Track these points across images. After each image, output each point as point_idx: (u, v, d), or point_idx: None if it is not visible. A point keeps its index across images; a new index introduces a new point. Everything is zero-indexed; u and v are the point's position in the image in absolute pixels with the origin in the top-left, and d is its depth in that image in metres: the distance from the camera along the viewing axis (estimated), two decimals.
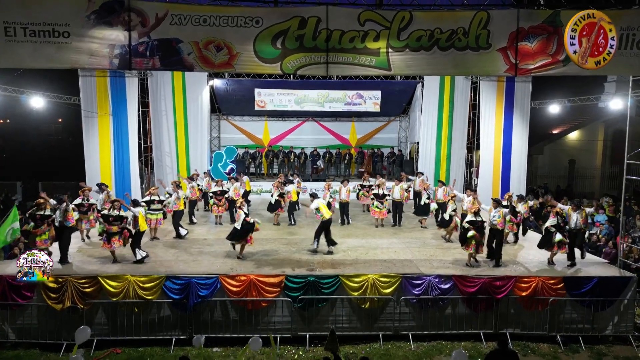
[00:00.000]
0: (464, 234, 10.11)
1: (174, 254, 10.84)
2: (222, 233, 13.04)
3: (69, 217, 10.02)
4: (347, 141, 22.85)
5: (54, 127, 34.61)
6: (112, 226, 9.90)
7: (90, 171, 17.22)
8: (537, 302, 9.63)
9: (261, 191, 19.67)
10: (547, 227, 10.36)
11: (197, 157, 19.82)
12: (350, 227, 14.01)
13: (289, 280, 9.38)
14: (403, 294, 9.54)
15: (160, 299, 9.26)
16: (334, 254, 10.89)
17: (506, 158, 18.75)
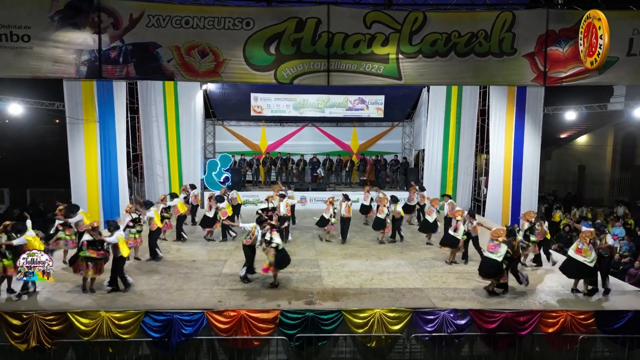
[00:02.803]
0: (499, 267, 8.98)
1: (156, 282, 9.72)
2: (213, 253, 12.01)
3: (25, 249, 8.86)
4: (349, 147, 21.75)
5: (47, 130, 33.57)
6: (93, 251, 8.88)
7: (75, 181, 16.07)
8: (564, 339, 8.52)
9: (257, 201, 18.52)
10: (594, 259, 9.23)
11: (189, 165, 18.71)
12: (353, 245, 12.89)
13: (284, 316, 8.27)
14: (414, 330, 8.43)
15: (138, 337, 8.15)
16: (335, 283, 9.77)
17: (517, 167, 17.61)
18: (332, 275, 10.17)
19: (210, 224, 13.07)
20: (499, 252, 9.00)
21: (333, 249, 12.46)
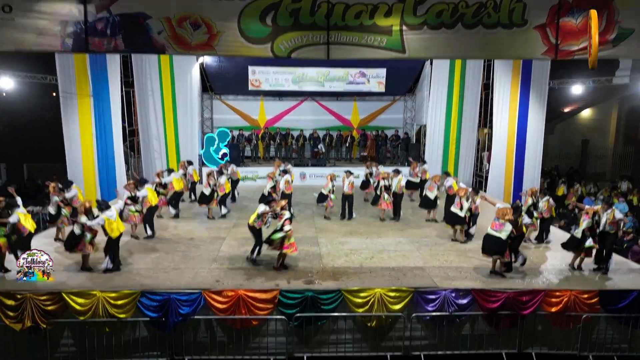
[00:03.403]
0: (503, 244, 8.80)
1: (153, 261, 9.56)
2: (211, 231, 11.82)
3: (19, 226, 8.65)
4: (349, 122, 21.38)
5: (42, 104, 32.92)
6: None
7: (71, 156, 15.85)
8: (567, 318, 8.40)
9: (256, 177, 18.32)
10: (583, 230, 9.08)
11: (187, 141, 18.43)
12: (352, 222, 12.71)
13: (283, 296, 8.11)
14: (415, 310, 8.29)
15: (135, 317, 8.02)
16: (334, 262, 9.60)
17: (520, 142, 17.35)
18: (332, 254, 10.01)
19: (208, 201, 12.85)
20: (503, 231, 8.80)
21: (333, 226, 12.28)
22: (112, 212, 8.77)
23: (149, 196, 10.81)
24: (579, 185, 19.78)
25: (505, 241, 8.74)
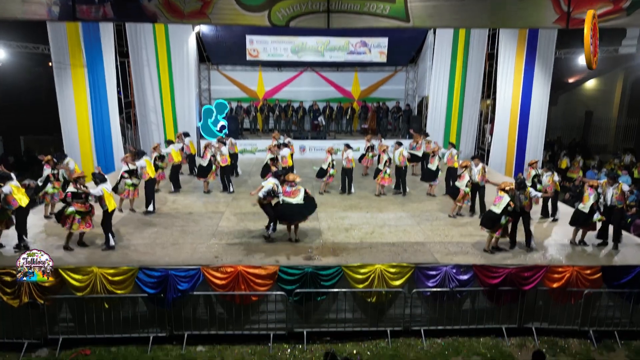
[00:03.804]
0: (497, 219, 8.64)
1: (150, 236, 9.45)
2: (210, 205, 11.68)
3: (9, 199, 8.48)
4: (349, 93, 20.98)
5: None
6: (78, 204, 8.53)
7: (66, 129, 15.58)
8: (569, 294, 8.34)
9: (255, 150, 18.10)
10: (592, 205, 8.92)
11: (184, 113, 18.05)
12: (353, 196, 12.55)
13: (283, 272, 8.02)
14: (415, 286, 8.22)
15: (133, 293, 7.95)
16: (334, 237, 9.48)
17: (524, 114, 17.03)
18: (332, 229, 9.89)
19: (206, 173, 12.64)
20: (500, 204, 8.64)
21: (333, 200, 12.13)
22: (107, 184, 8.60)
23: (147, 167, 10.61)
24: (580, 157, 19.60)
25: (499, 215, 8.56)
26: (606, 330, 8.46)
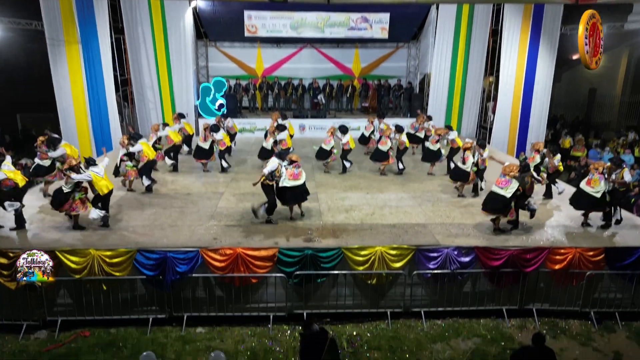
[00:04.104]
0: (508, 204, 8.50)
1: (149, 217, 9.34)
2: (209, 185, 11.55)
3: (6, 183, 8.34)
4: (350, 71, 20.64)
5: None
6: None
7: (62, 108, 15.31)
8: (571, 275, 8.28)
9: (254, 129, 17.87)
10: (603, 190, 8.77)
11: (182, 91, 17.78)
12: (353, 176, 12.40)
13: (282, 254, 7.94)
14: (416, 268, 8.15)
15: (131, 275, 7.88)
16: (334, 218, 9.37)
17: (527, 92, 16.75)
18: (332, 210, 9.77)
19: (205, 156, 12.48)
20: (508, 188, 8.50)
21: (333, 180, 11.99)
22: (99, 168, 8.44)
23: (144, 150, 10.43)
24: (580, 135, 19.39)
25: (509, 199, 8.45)
26: (607, 311, 8.43)
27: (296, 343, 7.67)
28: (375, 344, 7.63)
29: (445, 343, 7.72)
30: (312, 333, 5.88)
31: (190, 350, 7.46)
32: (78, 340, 7.71)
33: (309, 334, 5.89)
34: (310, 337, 5.85)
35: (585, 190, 8.93)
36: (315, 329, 5.92)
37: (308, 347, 5.83)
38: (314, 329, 5.90)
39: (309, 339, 5.87)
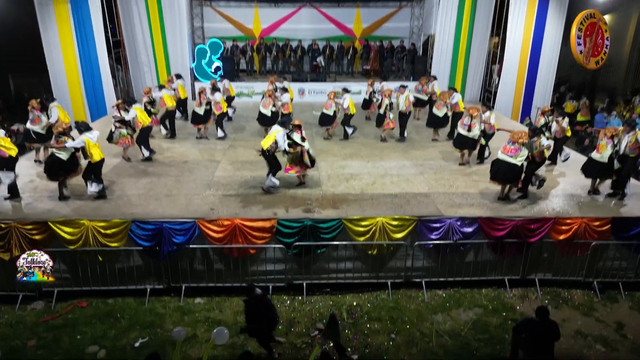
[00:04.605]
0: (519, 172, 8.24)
1: (144, 186, 9.09)
2: (206, 152, 11.27)
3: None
4: (351, 31, 19.91)
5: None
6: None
7: (53, 71, 14.80)
8: (575, 246, 8.12)
9: (252, 93, 17.39)
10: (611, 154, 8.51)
11: (177, 53, 17.14)
12: (354, 143, 12.09)
13: (281, 225, 7.75)
14: (418, 238, 7.98)
15: (127, 246, 7.72)
16: (335, 188, 9.13)
17: (535, 54, 16.17)
18: (332, 179, 9.52)
19: (202, 121, 12.11)
20: (518, 157, 8.21)
21: (333, 148, 11.67)
22: (92, 134, 8.14)
23: (139, 116, 10.08)
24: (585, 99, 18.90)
25: (520, 167, 8.19)
26: (611, 281, 8.33)
27: (296, 314, 7.62)
28: (376, 314, 7.55)
29: (446, 314, 7.64)
30: (255, 297, 6.15)
31: (189, 321, 7.38)
32: (75, 311, 7.63)
33: (253, 298, 6.15)
34: (254, 301, 6.14)
35: (594, 157, 8.68)
36: (258, 292, 6.21)
37: (253, 311, 6.11)
38: (257, 293, 6.18)
39: (253, 303, 6.14)
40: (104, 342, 6.90)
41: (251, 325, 6.17)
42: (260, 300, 6.19)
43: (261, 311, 6.10)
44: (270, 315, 6.20)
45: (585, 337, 7.15)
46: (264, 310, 6.13)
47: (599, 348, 6.92)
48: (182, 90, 13.46)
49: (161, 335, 7.06)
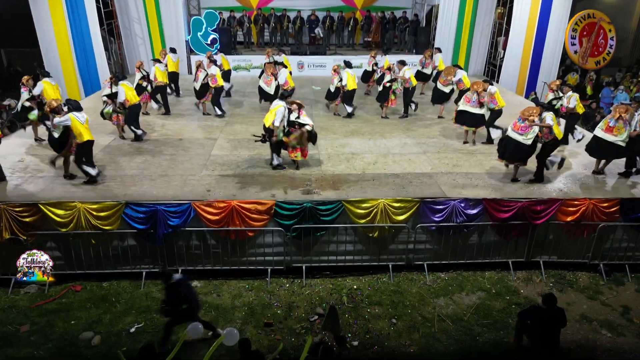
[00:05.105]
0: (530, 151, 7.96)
1: (138, 166, 8.80)
2: (202, 130, 10.93)
3: None
4: (352, 2, 19.20)
5: None
6: None
7: (45, 44, 14.25)
8: (582, 227, 7.90)
9: (250, 67, 16.89)
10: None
11: (171, 25, 16.56)
12: (355, 120, 11.73)
13: (279, 207, 7.49)
14: (420, 221, 7.74)
15: (121, 228, 7.49)
16: (335, 168, 8.84)
17: (542, 25, 15.54)
18: (332, 159, 9.23)
19: (200, 96, 11.70)
20: (529, 134, 7.90)
21: (333, 125, 11.32)
22: (81, 114, 7.77)
23: (126, 94, 9.65)
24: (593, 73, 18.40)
25: (529, 147, 7.88)
26: (617, 264, 8.14)
27: (295, 298, 7.45)
28: (377, 298, 7.39)
29: (449, 298, 7.47)
30: (174, 283, 5.94)
31: None
32: (69, 295, 7.45)
33: (172, 284, 5.95)
34: (173, 286, 5.94)
35: (606, 138, 8.32)
36: (176, 278, 6.00)
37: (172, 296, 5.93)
38: (175, 279, 5.98)
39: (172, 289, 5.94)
40: (99, 328, 6.74)
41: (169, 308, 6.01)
42: (178, 286, 6.02)
43: (180, 296, 5.96)
44: (190, 300, 6.08)
45: (591, 321, 7.00)
46: (183, 295, 6.00)
47: (604, 333, 6.77)
48: (172, 64, 12.89)
49: (157, 321, 6.89)
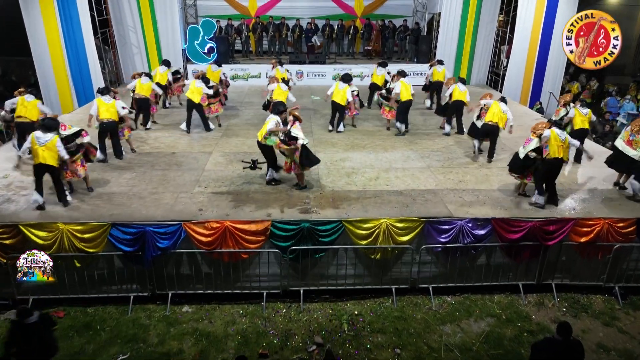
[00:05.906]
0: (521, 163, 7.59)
1: (127, 182, 8.36)
2: (196, 143, 10.52)
3: None
4: (352, 10, 18.88)
5: None
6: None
7: (37, 53, 13.87)
8: (597, 249, 7.45)
9: (248, 76, 16.49)
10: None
11: (167, 33, 16.21)
12: (355, 132, 11.31)
13: (276, 228, 7.05)
14: (425, 242, 7.30)
15: (107, 250, 7.04)
16: (334, 184, 8.40)
17: (546, 34, 15.17)
18: (332, 174, 8.78)
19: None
20: (527, 147, 7.57)
21: (333, 138, 10.89)
22: (47, 136, 7.11)
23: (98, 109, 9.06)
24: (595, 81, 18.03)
25: (522, 159, 7.59)
26: (633, 286, 7.68)
27: (292, 324, 6.99)
28: (379, 325, 6.93)
29: (456, 324, 7.01)
30: (26, 324, 5.08)
31: (175, 334, 6.76)
32: None
33: (22, 323, 5.08)
34: (21, 327, 5.05)
35: (628, 152, 7.92)
36: (33, 319, 5.13)
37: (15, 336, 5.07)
38: (31, 321, 5.12)
39: (18, 327, 5.06)
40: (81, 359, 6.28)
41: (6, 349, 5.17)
42: (30, 328, 5.11)
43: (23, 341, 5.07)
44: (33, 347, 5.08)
45: (609, 351, 6.54)
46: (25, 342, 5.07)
47: None
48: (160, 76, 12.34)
49: (144, 351, 6.43)
